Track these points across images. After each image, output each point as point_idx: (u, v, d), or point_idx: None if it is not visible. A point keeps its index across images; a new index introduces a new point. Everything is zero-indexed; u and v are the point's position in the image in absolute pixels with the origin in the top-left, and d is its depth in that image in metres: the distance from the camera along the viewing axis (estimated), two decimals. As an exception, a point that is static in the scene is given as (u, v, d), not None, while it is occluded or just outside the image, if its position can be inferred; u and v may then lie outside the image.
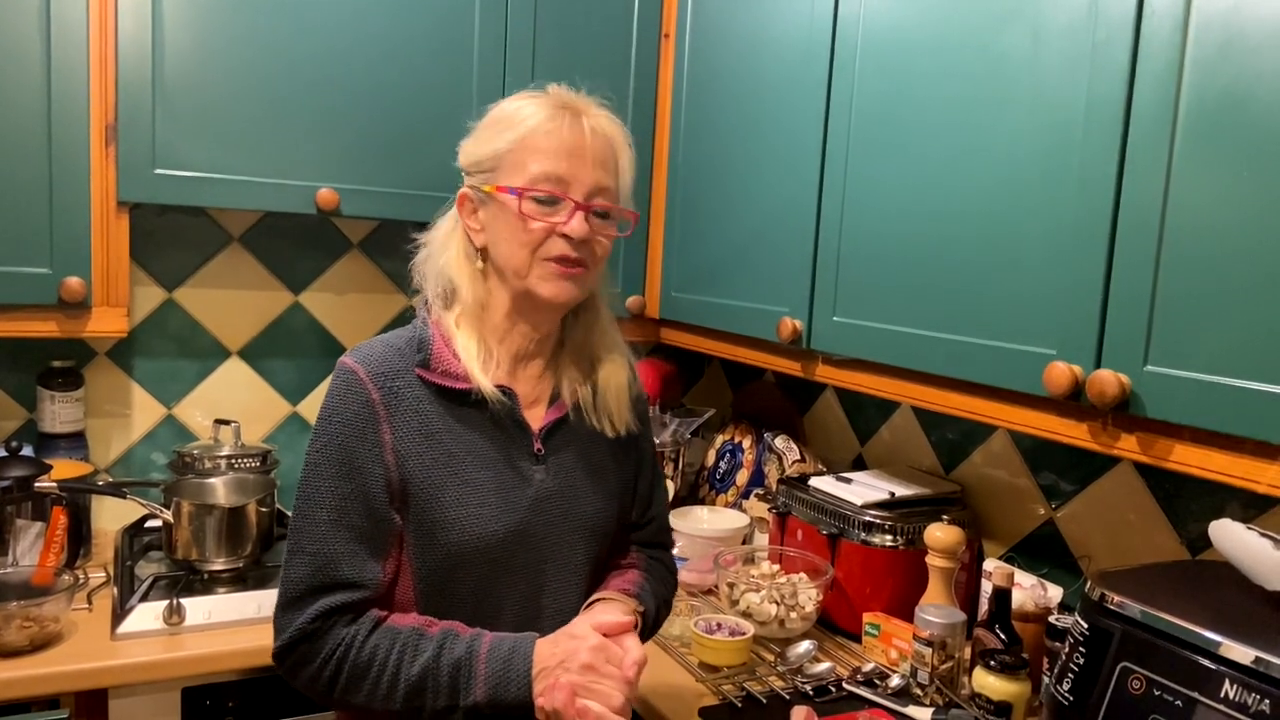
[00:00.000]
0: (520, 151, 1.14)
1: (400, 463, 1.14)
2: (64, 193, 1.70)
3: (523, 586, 1.18)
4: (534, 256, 1.14)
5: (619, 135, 1.19)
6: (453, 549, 1.14)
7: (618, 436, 1.27)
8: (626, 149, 1.19)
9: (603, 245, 1.18)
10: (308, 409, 2.28)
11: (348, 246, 2.28)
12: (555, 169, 1.12)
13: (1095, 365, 1.14)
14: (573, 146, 1.13)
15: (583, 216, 1.13)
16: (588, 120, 1.15)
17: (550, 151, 1.13)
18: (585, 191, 1.14)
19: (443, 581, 1.16)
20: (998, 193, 1.29)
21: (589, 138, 1.14)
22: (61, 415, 1.98)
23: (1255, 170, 1.00)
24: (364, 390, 1.15)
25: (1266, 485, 1.00)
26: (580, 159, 1.13)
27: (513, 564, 1.17)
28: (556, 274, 1.14)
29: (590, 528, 1.23)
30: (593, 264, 1.17)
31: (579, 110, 1.16)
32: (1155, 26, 1.09)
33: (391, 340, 1.20)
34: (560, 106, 1.15)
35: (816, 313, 1.62)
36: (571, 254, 1.14)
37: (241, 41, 1.79)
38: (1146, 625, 1.09)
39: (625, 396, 1.27)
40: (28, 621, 1.52)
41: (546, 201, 1.13)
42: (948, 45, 1.37)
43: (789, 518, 1.88)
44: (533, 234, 1.13)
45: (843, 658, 1.66)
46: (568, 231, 1.13)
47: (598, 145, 1.15)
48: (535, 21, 1.99)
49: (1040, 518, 1.70)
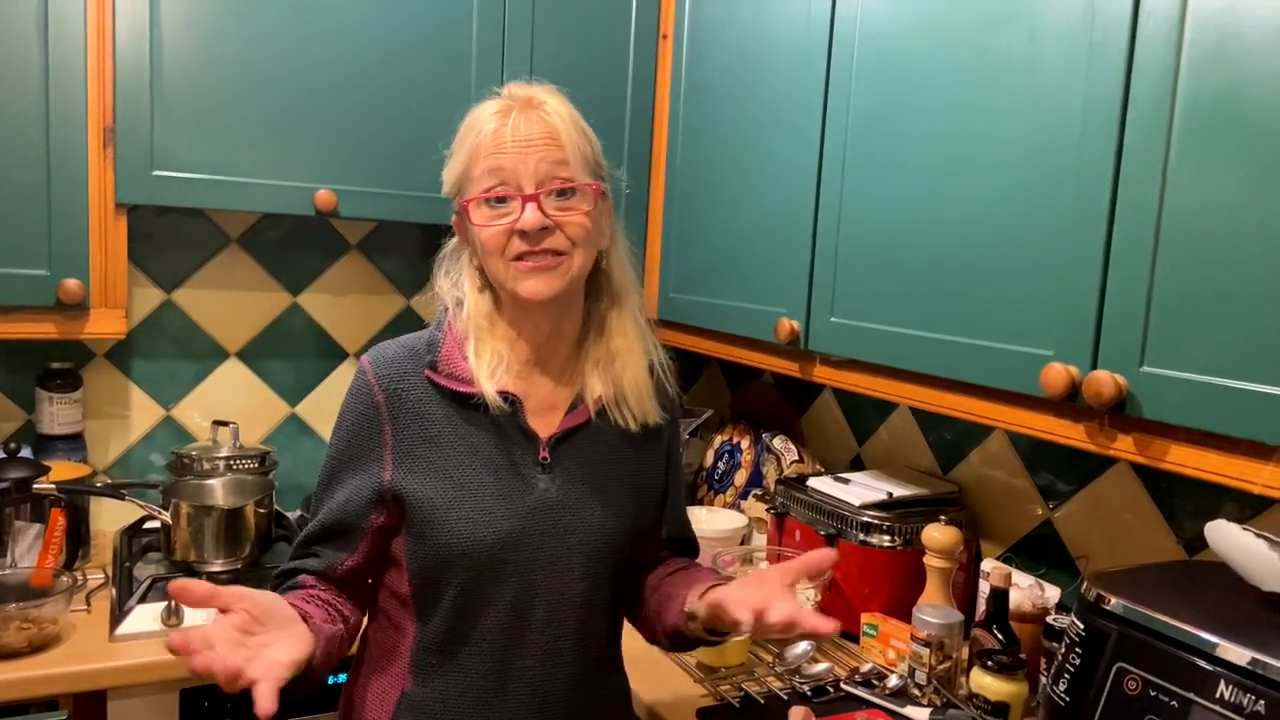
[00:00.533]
0: (472, 164, 1.15)
1: (398, 463, 1.16)
2: (62, 195, 1.70)
3: (511, 594, 1.16)
4: (504, 260, 1.14)
5: (562, 110, 1.16)
6: (443, 549, 1.15)
7: (644, 432, 1.25)
8: (573, 124, 1.16)
9: (575, 226, 1.14)
10: (306, 410, 2.28)
11: (346, 248, 2.28)
12: (499, 166, 1.12)
13: (1092, 366, 1.14)
14: (513, 140, 1.12)
15: (534, 206, 1.11)
16: (524, 108, 1.14)
17: (493, 152, 1.13)
18: (535, 180, 1.12)
19: (433, 581, 1.17)
20: (994, 194, 1.29)
21: (525, 125, 1.13)
22: (60, 417, 1.98)
23: (1251, 171, 1.00)
24: (370, 392, 1.18)
25: (1262, 486, 1.00)
26: (522, 149, 1.12)
27: (503, 570, 1.16)
28: (526, 271, 1.13)
29: (594, 542, 1.20)
30: (569, 250, 1.14)
31: (516, 101, 1.15)
32: (1151, 28, 1.09)
33: (408, 341, 1.22)
34: (502, 104, 1.16)
35: (814, 314, 1.62)
36: (532, 248, 1.12)
37: (239, 43, 1.79)
38: (1142, 626, 1.09)
39: (644, 387, 1.24)
40: (26, 623, 1.52)
41: (497, 203, 1.13)
42: (945, 46, 1.37)
43: (787, 518, 1.89)
44: (494, 239, 1.13)
45: (841, 658, 1.67)
46: (519, 225, 1.12)
47: (537, 129, 1.13)
48: (533, 23, 2.00)
49: (1038, 518, 1.70)
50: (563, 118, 1.15)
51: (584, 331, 1.25)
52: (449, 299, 1.24)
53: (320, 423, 2.29)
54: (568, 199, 1.14)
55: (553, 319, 1.21)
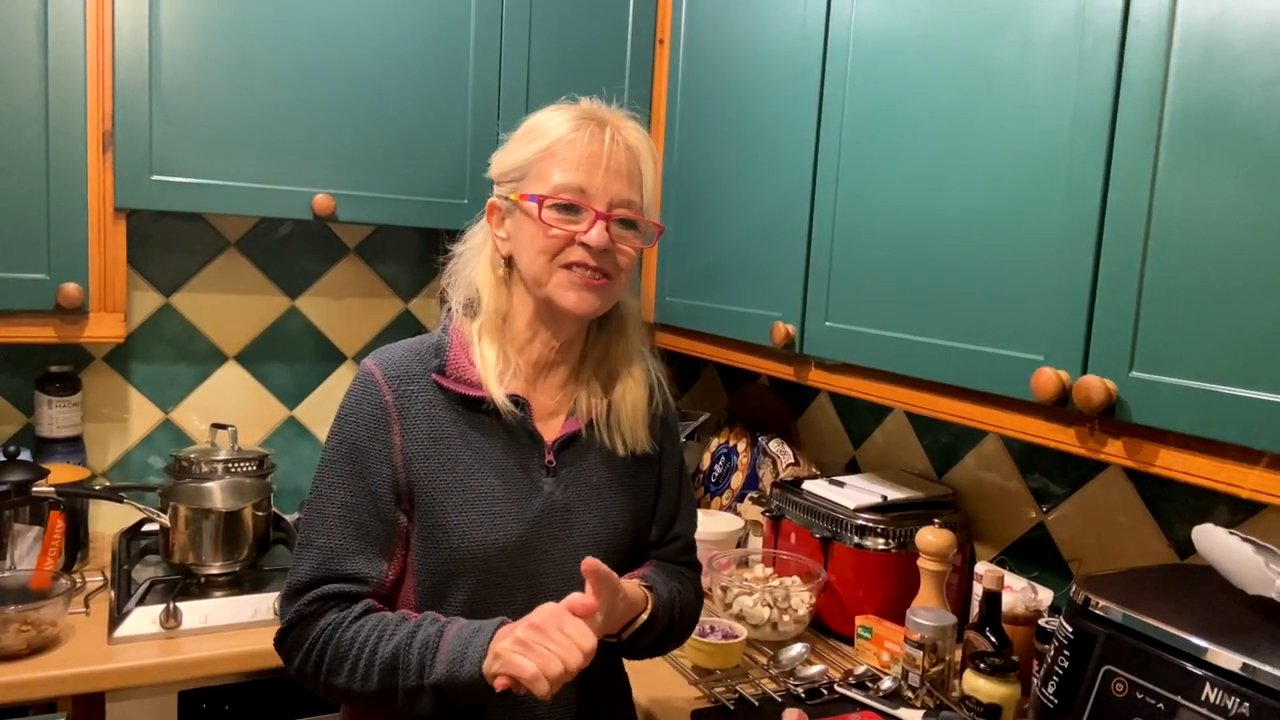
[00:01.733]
0: (544, 161, 1.16)
1: (408, 464, 1.16)
2: (61, 199, 1.71)
3: (521, 598, 1.17)
4: (553, 264, 1.15)
5: (644, 147, 1.19)
6: (453, 554, 1.15)
7: (630, 456, 1.26)
8: (651, 161, 1.20)
9: (626, 256, 1.18)
10: (304, 413, 2.29)
11: (344, 251, 2.29)
12: (577, 178, 1.14)
13: (1082, 371, 1.15)
14: (595, 157, 1.14)
15: (603, 226, 1.14)
16: (612, 131, 1.16)
17: (573, 161, 1.14)
18: (607, 202, 1.15)
19: (442, 586, 1.17)
20: (986, 199, 1.30)
21: (612, 149, 1.15)
22: (59, 420, 1.99)
23: (1239, 177, 1.01)
24: (378, 392, 1.17)
25: (1249, 490, 1.01)
26: (603, 170, 1.14)
27: (513, 574, 1.17)
28: (576, 283, 1.15)
29: (596, 544, 1.21)
30: (615, 274, 1.17)
31: (604, 121, 1.17)
32: (1141, 35, 1.10)
33: (413, 345, 1.23)
34: (586, 117, 1.17)
35: (809, 318, 1.63)
36: (590, 262, 1.14)
37: (238, 48, 1.80)
38: (1129, 629, 1.10)
39: (640, 415, 1.26)
40: (25, 625, 1.53)
41: (568, 209, 1.15)
42: (938, 53, 1.38)
43: (783, 521, 1.89)
44: (553, 241, 1.15)
45: (835, 660, 1.67)
46: (587, 240, 1.14)
47: (621, 156, 1.16)
48: (530, 29, 2.01)
49: (1031, 521, 1.71)
50: (642, 155, 1.19)
51: (587, 348, 1.26)
52: (461, 294, 1.24)
53: (319, 426, 2.30)
54: (630, 230, 1.18)
55: (572, 331, 1.22)
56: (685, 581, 1.34)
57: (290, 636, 1.15)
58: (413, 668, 1.08)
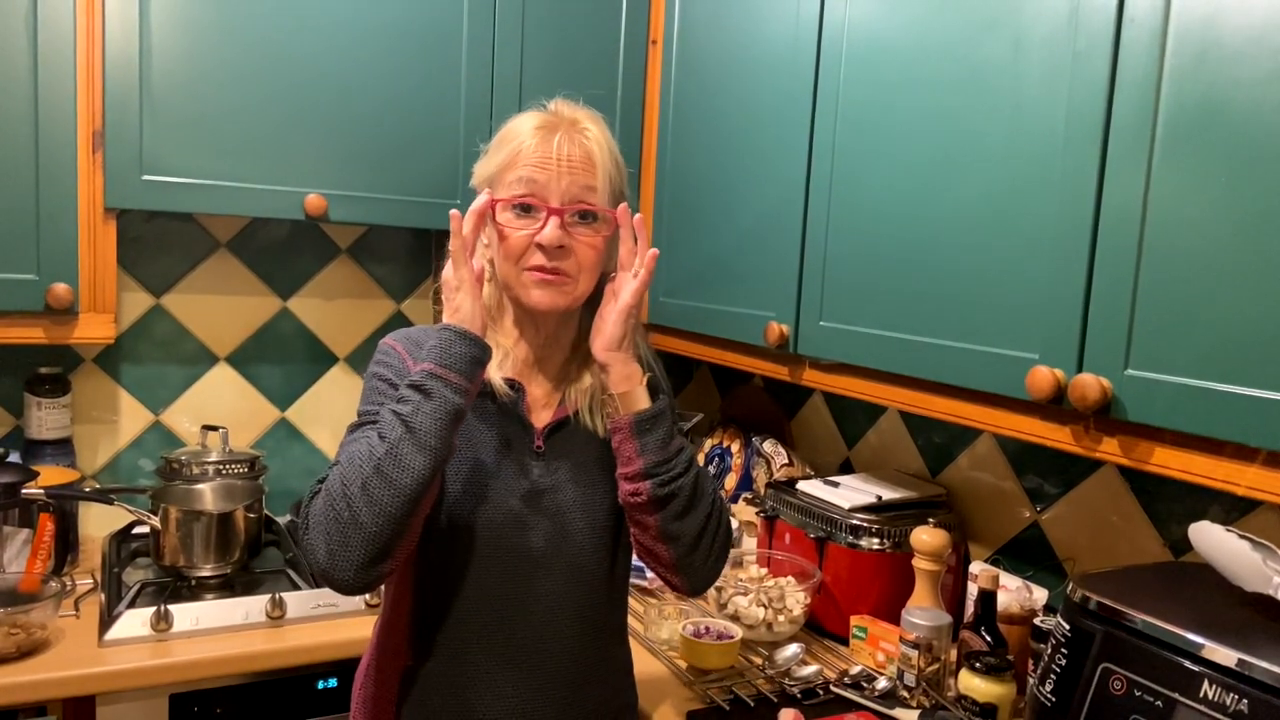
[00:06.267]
0: (508, 168, 1.19)
1: None
2: (51, 199, 1.69)
3: (514, 571, 1.20)
4: (517, 267, 1.18)
5: (601, 138, 1.20)
6: (444, 522, 1.18)
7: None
8: (608, 151, 1.20)
9: (587, 249, 1.19)
10: (296, 414, 2.28)
11: (336, 252, 2.28)
12: (531, 176, 1.16)
13: (1077, 369, 1.15)
14: (547, 157, 1.16)
15: (557, 223, 1.16)
16: (566, 129, 1.18)
17: (529, 162, 1.17)
18: (561, 198, 1.16)
19: (432, 554, 1.19)
20: (981, 199, 1.30)
21: (567, 147, 1.17)
22: (48, 422, 1.97)
23: (1232, 177, 1.01)
24: (400, 356, 1.22)
25: (1246, 488, 1.01)
26: (555, 168, 1.16)
27: (504, 546, 1.20)
28: (536, 282, 1.18)
29: (585, 522, 1.23)
30: (577, 271, 1.19)
31: (564, 120, 1.20)
32: (1134, 35, 1.10)
33: (426, 328, 1.27)
34: (547, 119, 1.20)
35: (803, 318, 1.63)
36: (545, 263, 1.17)
37: (229, 47, 1.79)
38: (1126, 626, 1.10)
39: None
40: (14, 628, 1.52)
41: (523, 210, 1.17)
42: (931, 54, 1.38)
43: (777, 521, 1.89)
44: (513, 245, 1.18)
45: (830, 660, 1.67)
46: (540, 239, 1.16)
47: (576, 153, 1.17)
48: (523, 29, 2.00)
49: (1025, 520, 1.71)
50: (601, 146, 1.20)
51: (579, 340, 1.28)
52: None
53: (310, 427, 2.29)
54: (589, 223, 1.19)
55: (551, 327, 1.26)
56: None
57: (308, 506, 1.13)
58: (409, 397, 1.09)
